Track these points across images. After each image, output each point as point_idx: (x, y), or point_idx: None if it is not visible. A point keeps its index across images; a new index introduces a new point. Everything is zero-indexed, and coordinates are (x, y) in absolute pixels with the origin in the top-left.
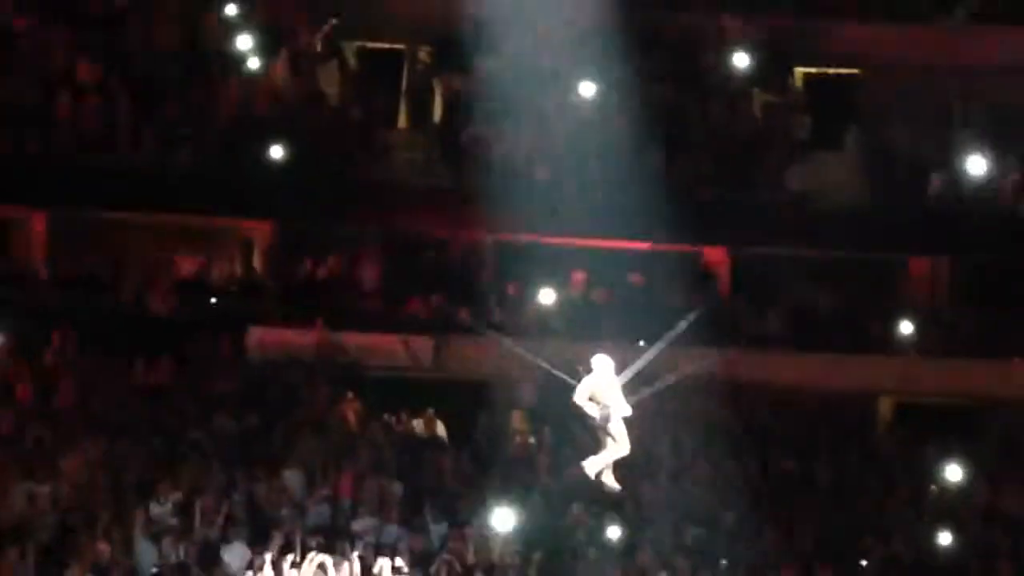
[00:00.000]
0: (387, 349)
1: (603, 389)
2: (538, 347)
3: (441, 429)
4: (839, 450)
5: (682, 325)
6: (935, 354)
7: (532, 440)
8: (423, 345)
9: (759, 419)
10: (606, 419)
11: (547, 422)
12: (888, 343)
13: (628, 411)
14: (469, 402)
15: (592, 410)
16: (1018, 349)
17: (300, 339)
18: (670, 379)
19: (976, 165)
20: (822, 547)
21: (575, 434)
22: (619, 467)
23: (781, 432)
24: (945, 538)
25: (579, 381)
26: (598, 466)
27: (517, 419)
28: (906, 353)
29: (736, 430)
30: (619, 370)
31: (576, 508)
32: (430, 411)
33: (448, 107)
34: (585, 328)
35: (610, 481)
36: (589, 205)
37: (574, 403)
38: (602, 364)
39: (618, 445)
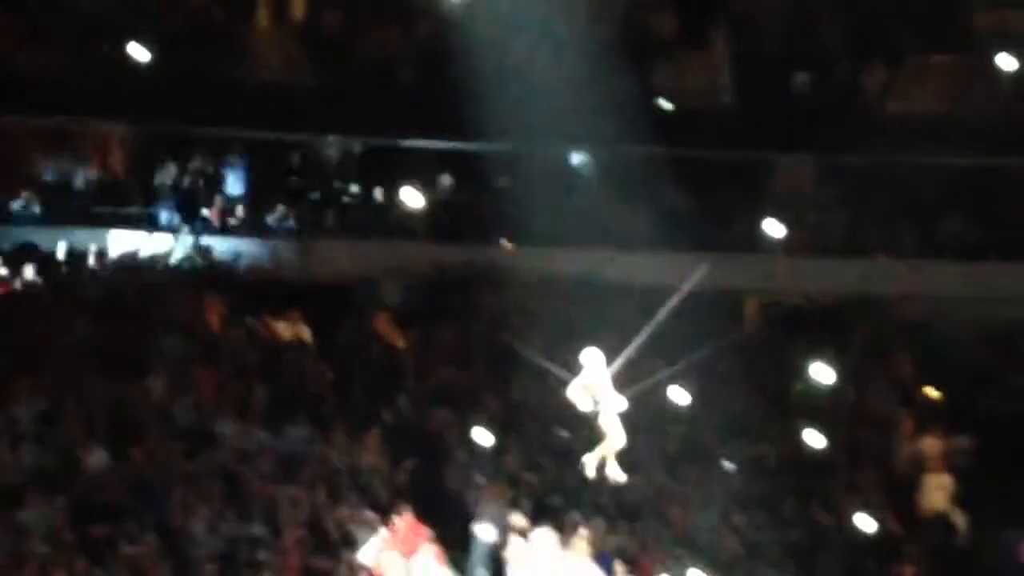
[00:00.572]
0: (251, 252)
1: (595, 383)
2: (404, 250)
3: (306, 332)
4: (707, 351)
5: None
6: (801, 253)
7: (397, 341)
8: (288, 248)
9: (624, 320)
10: (598, 413)
11: (412, 325)
12: (754, 242)
13: (623, 404)
14: (334, 305)
15: (584, 404)
16: (883, 246)
17: (162, 243)
18: None
19: (841, 63)
20: (687, 448)
21: (441, 339)
22: None
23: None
24: (812, 437)
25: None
26: (596, 460)
27: (382, 322)
28: (772, 252)
29: (604, 330)
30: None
31: (442, 412)
32: (295, 314)
33: (310, 4)
34: (450, 232)
35: (615, 473)
36: (454, 107)
37: (567, 396)
38: (592, 358)
39: (613, 438)
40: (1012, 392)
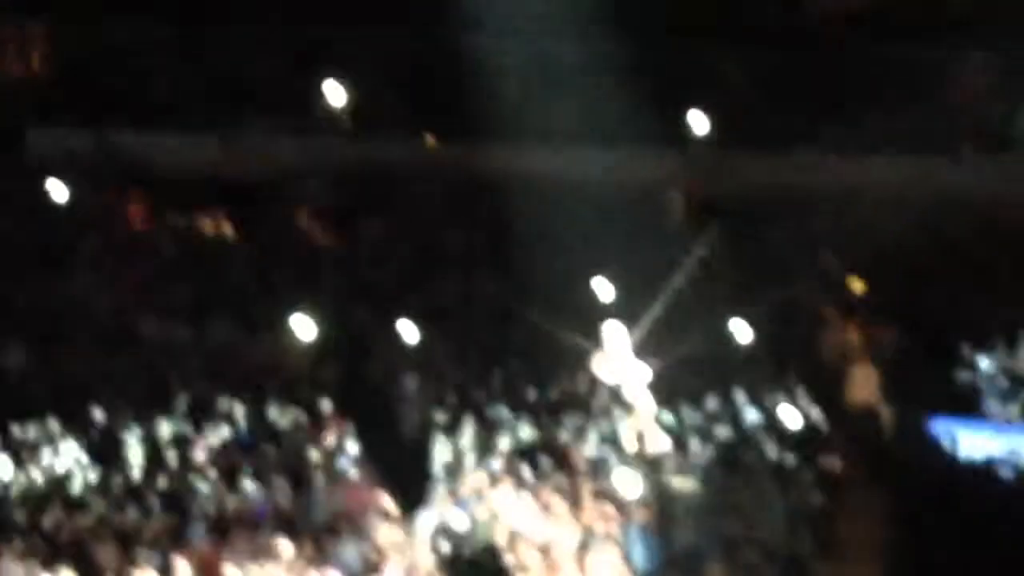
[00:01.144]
0: (174, 147)
1: (617, 357)
2: (328, 146)
3: (228, 229)
4: (630, 244)
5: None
6: (726, 147)
7: (320, 237)
8: (211, 143)
9: (548, 215)
10: (621, 386)
11: (335, 219)
12: (680, 136)
13: (648, 374)
14: (257, 201)
15: (610, 378)
16: (809, 140)
17: (82, 139)
18: None
19: None
20: None
21: (365, 235)
22: None
23: (572, 228)
24: (738, 331)
25: None
26: (633, 436)
27: (305, 218)
28: (699, 146)
29: (526, 227)
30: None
31: (365, 309)
32: (218, 211)
33: None
34: (374, 127)
35: (657, 443)
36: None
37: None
38: (614, 332)
39: (644, 407)
40: (936, 283)
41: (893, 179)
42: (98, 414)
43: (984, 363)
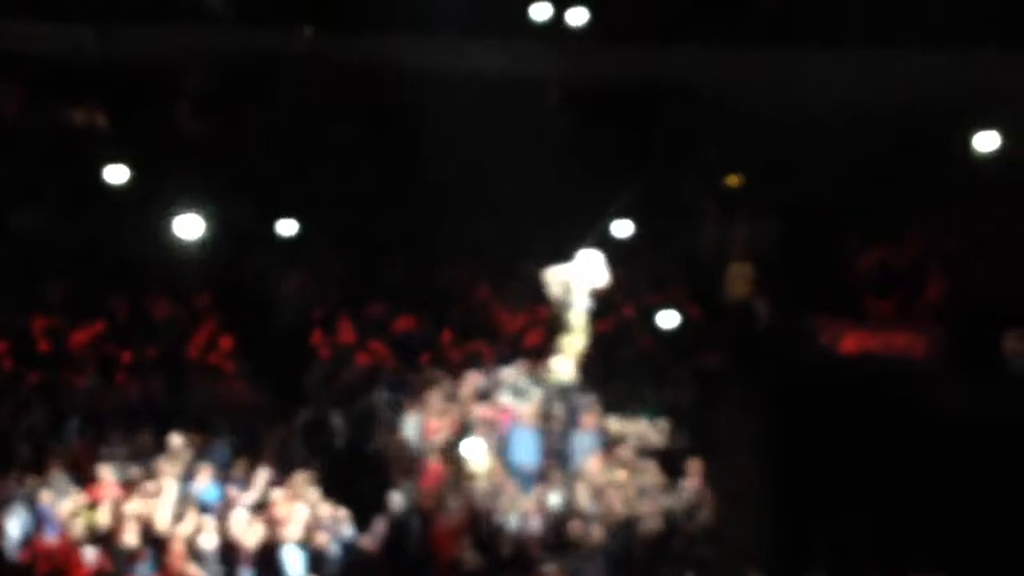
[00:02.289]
0: (48, 36)
1: (575, 280)
2: (205, 35)
3: (103, 119)
4: (512, 137)
5: None
6: (608, 38)
7: (199, 128)
8: (87, 32)
9: (430, 107)
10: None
11: (215, 110)
12: (561, 27)
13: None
14: (133, 91)
15: (557, 293)
16: (688, 32)
17: None
18: None
19: None
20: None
21: (245, 124)
22: None
23: (454, 119)
24: (617, 228)
25: None
26: (565, 364)
27: (183, 107)
28: (579, 37)
29: (407, 119)
30: None
31: (243, 202)
32: (92, 101)
33: None
34: (252, 16)
35: (567, 373)
36: None
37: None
38: (586, 257)
39: (579, 337)
40: (814, 178)
41: (772, 71)
42: None
43: (862, 258)
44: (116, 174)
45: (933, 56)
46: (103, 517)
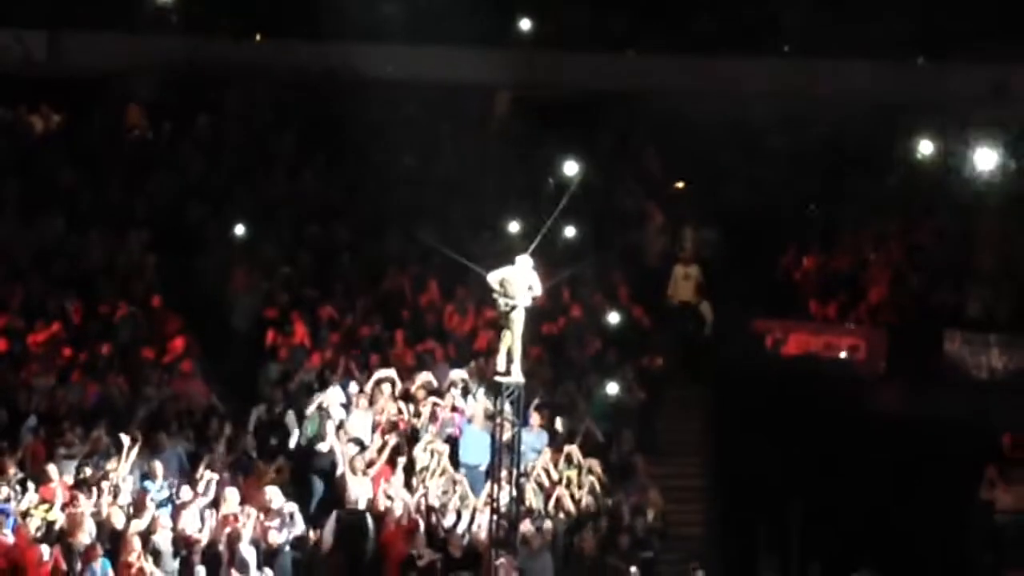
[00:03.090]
0: (3, 43)
1: (515, 282)
2: (157, 43)
3: (58, 124)
4: (458, 144)
5: None
6: (552, 46)
7: (149, 135)
8: (40, 39)
9: (377, 114)
10: (514, 308)
11: (165, 117)
12: (506, 35)
13: (528, 303)
14: (86, 98)
15: (500, 299)
16: (632, 42)
17: None
18: None
19: None
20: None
21: (194, 129)
22: None
23: (401, 127)
24: (565, 231)
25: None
26: (505, 358)
27: (134, 114)
28: (524, 46)
29: (355, 125)
30: None
31: (195, 205)
32: (46, 107)
33: None
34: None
35: (517, 375)
36: None
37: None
38: (523, 262)
39: (515, 336)
40: (755, 185)
41: (714, 81)
42: None
43: (804, 261)
44: (71, 179)
45: (869, 65)
46: (57, 515)
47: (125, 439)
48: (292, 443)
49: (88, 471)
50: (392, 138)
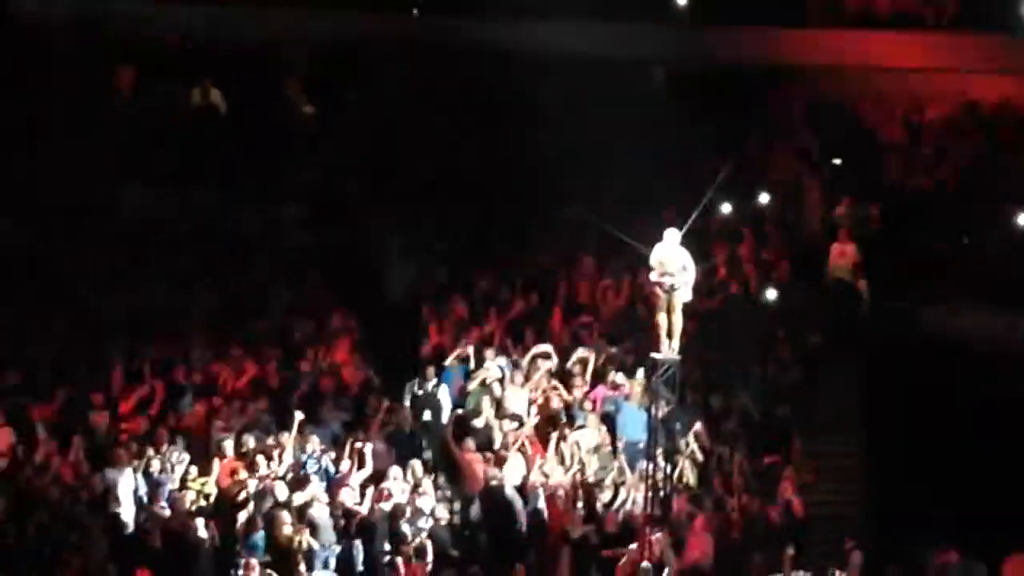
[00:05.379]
0: (161, 15)
1: (669, 260)
2: (316, 16)
3: (218, 98)
4: (612, 120)
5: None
6: (707, 22)
7: (307, 109)
8: (200, 14)
9: (531, 90)
10: (674, 288)
11: (323, 92)
12: (662, 10)
13: (692, 274)
14: (245, 71)
15: (664, 280)
16: (787, 16)
17: (70, 6)
18: None
19: None
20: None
21: (349, 106)
22: None
23: (555, 102)
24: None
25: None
26: (663, 339)
27: (291, 88)
28: (679, 21)
29: (509, 101)
30: None
31: (353, 179)
32: (206, 80)
33: None
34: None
35: (673, 353)
36: None
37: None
38: (671, 236)
39: (674, 314)
40: (914, 161)
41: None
42: (79, 285)
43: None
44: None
45: None
46: (213, 488)
47: (298, 414)
48: (444, 419)
49: (251, 443)
50: (546, 114)
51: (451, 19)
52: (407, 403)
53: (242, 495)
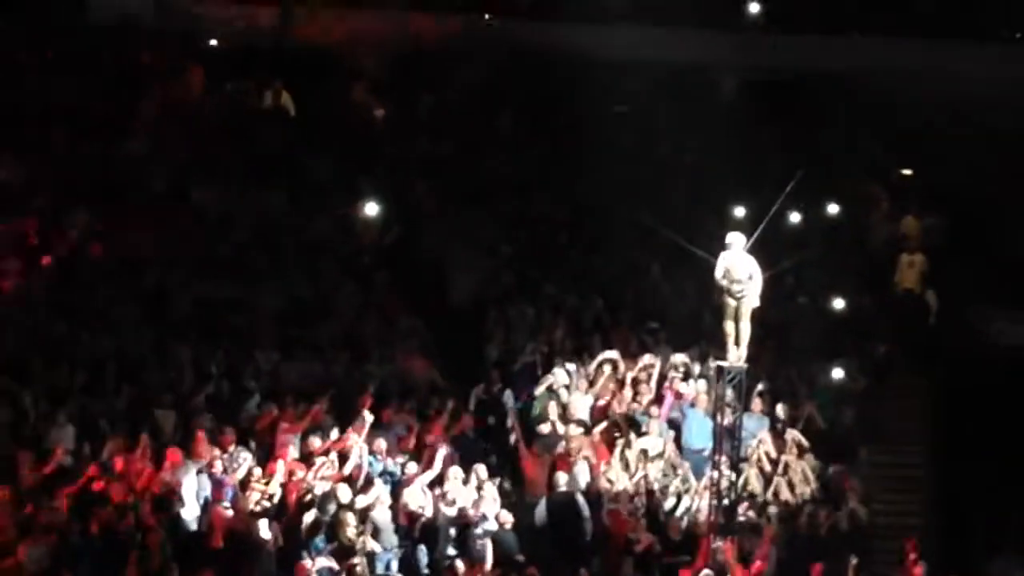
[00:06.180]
0: (231, 16)
1: (735, 268)
2: (385, 19)
3: (287, 99)
4: (681, 126)
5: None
6: (777, 28)
7: (376, 112)
8: (268, 13)
9: (599, 95)
10: (741, 295)
11: (391, 94)
12: (731, 17)
13: (759, 282)
14: (314, 73)
15: (733, 288)
16: (858, 24)
17: (143, 4)
18: None
19: None
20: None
21: (419, 109)
22: None
23: (623, 107)
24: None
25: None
26: (731, 348)
27: (361, 91)
28: (749, 27)
29: (577, 105)
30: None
31: (420, 181)
32: (276, 81)
33: None
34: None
35: (740, 361)
36: None
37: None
38: (736, 241)
39: (743, 323)
40: (982, 171)
41: (941, 63)
42: (152, 278)
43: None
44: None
45: None
46: (276, 490)
47: (367, 416)
48: (509, 423)
49: (316, 444)
50: (614, 119)
51: (522, 23)
52: (472, 407)
53: (306, 497)
